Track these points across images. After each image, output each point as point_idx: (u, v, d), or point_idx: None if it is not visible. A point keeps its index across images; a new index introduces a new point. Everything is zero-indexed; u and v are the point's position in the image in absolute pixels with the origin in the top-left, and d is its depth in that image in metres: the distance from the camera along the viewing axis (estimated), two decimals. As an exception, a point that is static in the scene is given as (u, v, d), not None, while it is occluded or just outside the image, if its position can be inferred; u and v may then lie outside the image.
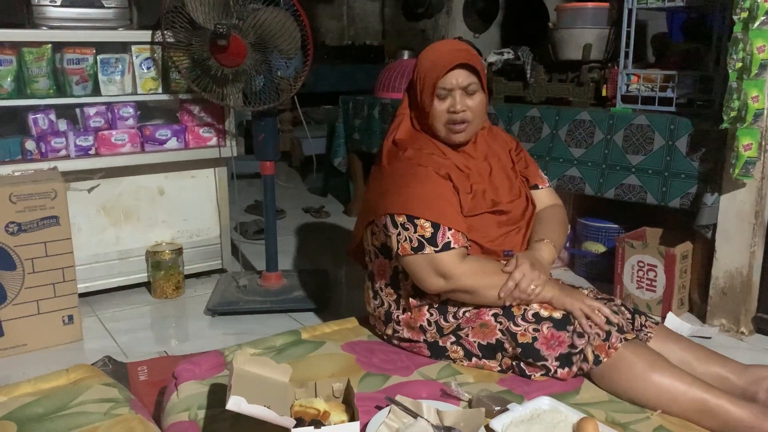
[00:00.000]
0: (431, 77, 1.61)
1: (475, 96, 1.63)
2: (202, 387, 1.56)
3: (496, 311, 1.61)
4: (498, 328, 1.60)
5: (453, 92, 1.61)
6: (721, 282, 2.35)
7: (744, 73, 2.08)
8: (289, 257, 3.31)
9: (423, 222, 1.57)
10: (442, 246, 1.57)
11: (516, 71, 3.13)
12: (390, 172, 1.66)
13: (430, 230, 1.57)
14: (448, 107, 1.62)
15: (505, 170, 1.76)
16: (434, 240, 1.57)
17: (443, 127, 1.65)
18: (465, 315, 1.63)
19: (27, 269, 2.23)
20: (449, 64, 1.59)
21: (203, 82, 2.51)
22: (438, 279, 1.57)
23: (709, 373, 1.57)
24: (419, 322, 1.67)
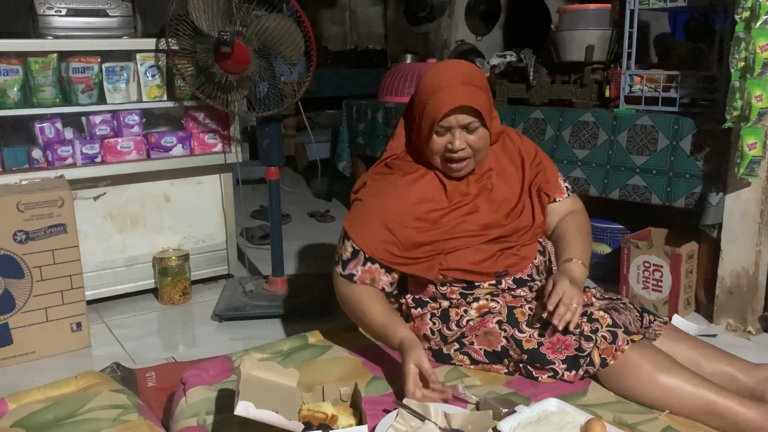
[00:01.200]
0: (430, 115, 1.54)
1: (477, 132, 1.56)
2: (210, 392, 1.57)
3: (500, 318, 1.60)
4: (503, 336, 1.59)
5: (453, 130, 1.55)
6: (728, 281, 2.35)
7: (747, 73, 2.08)
8: (295, 262, 3.32)
9: (348, 244, 1.63)
10: (348, 274, 1.63)
11: (519, 73, 3.13)
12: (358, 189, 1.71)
13: (348, 254, 1.63)
14: (446, 144, 1.56)
15: (509, 186, 1.70)
16: (346, 264, 1.63)
17: (441, 162, 1.60)
18: (468, 324, 1.63)
19: (35, 277, 2.24)
20: (450, 104, 1.51)
21: (208, 89, 2.52)
22: (337, 295, 1.68)
23: (718, 372, 1.56)
24: (422, 331, 1.67)
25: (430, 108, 1.54)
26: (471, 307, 1.63)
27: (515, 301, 1.63)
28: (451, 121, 1.54)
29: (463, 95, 1.52)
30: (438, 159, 1.60)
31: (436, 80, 1.56)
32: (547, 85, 3.03)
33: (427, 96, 1.55)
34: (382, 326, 1.58)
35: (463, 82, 1.55)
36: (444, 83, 1.54)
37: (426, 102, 1.55)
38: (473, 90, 1.54)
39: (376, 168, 1.74)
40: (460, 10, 5.22)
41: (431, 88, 1.55)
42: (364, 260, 1.61)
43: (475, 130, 1.55)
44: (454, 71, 1.58)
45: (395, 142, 1.72)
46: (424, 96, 1.56)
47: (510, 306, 1.62)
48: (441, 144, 1.57)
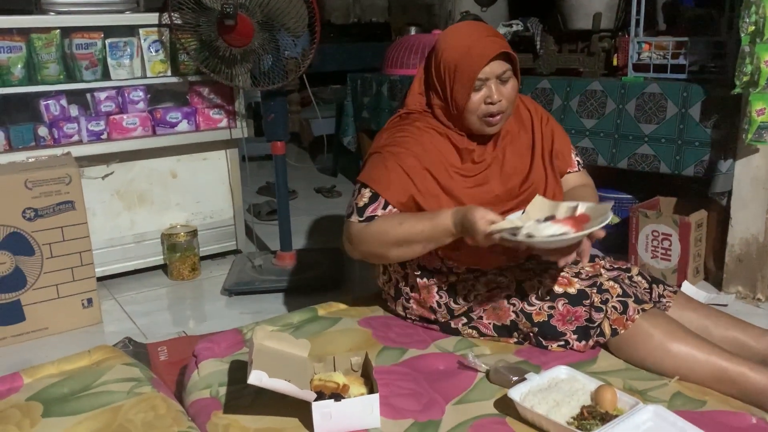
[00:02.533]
0: (468, 69, 1.50)
1: (509, 83, 1.54)
2: (222, 364, 1.58)
3: (508, 293, 1.59)
4: (512, 310, 1.59)
5: (488, 82, 1.52)
6: (737, 249, 2.34)
7: (757, 37, 2.05)
8: (302, 237, 3.33)
9: (366, 191, 1.56)
10: (366, 218, 1.54)
11: (525, 43, 3.09)
12: (375, 146, 1.64)
13: (365, 200, 1.55)
14: (484, 98, 1.53)
15: (520, 156, 1.66)
16: (363, 210, 1.55)
17: (477, 120, 1.55)
18: (476, 298, 1.62)
19: (45, 254, 2.25)
20: (489, 54, 1.49)
21: (212, 63, 2.51)
22: (348, 245, 1.59)
23: (728, 338, 1.56)
24: (429, 303, 1.67)
25: (467, 63, 1.51)
26: (479, 282, 1.63)
27: (524, 275, 1.62)
28: (487, 72, 1.51)
29: (498, 44, 1.52)
30: (475, 117, 1.55)
31: (463, 38, 1.54)
32: (554, 55, 2.99)
33: (458, 54, 1.52)
34: (425, 220, 1.49)
35: (488, 34, 1.55)
36: (472, 39, 1.53)
37: (458, 59, 1.52)
38: (502, 41, 1.55)
39: (392, 122, 1.68)
40: (465, -20, 5.14)
41: (460, 45, 1.53)
42: (384, 204, 1.54)
43: (508, 80, 1.54)
44: (475, 28, 1.58)
45: (413, 99, 1.66)
46: (455, 54, 1.53)
47: (519, 280, 1.61)
48: (478, 100, 1.53)
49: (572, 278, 1.60)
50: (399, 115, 1.67)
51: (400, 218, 1.51)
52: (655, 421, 1.25)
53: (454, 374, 1.50)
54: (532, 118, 1.71)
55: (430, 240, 1.48)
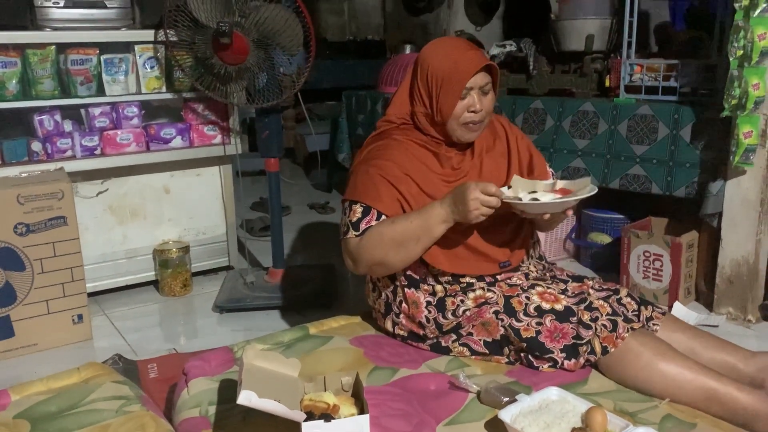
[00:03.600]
0: (456, 79, 1.60)
1: (489, 95, 1.65)
2: (212, 383, 1.57)
3: (496, 308, 1.61)
4: (500, 325, 1.60)
5: (472, 92, 1.62)
6: (728, 270, 2.35)
7: (745, 61, 2.08)
8: (295, 253, 3.32)
9: (357, 206, 1.62)
10: (362, 231, 1.60)
11: (518, 63, 3.12)
12: (356, 163, 1.71)
13: (358, 215, 1.61)
14: (467, 106, 1.62)
15: (497, 165, 1.74)
16: (358, 225, 1.61)
17: (459, 126, 1.64)
18: (465, 313, 1.63)
19: (36, 269, 2.24)
20: (476, 67, 1.60)
21: (207, 81, 2.52)
22: (350, 262, 1.65)
23: (716, 360, 1.57)
24: (418, 318, 1.68)
25: (455, 74, 1.60)
26: (467, 297, 1.64)
27: (512, 291, 1.64)
28: (472, 83, 1.60)
29: (480, 58, 1.62)
30: (457, 125, 1.64)
31: (450, 51, 1.64)
32: (547, 75, 3.02)
33: (446, 65, 1.61)
34: (416, 214, 1.57)
35: (471, 48, 1.66)
36: (458, 52, 1.63)
37: (446, 71, 1.61)
38: (483, 54, 1.66)
39: (370, 138, 1.76)
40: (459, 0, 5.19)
41: (447, 57, 1.62)
42: (378, 215, 1.60)
43: (488, 92, 1.64)
44: (459, 42, 1.70)
45: (396, 109, 1.74)
46: (444, 65, 1.62)
47: (507, 296, 1.63)
48: (462, 108, 1.62)
49: (559, 295, 1.62)
50: (377, 133, 1.75)
51: (393, 219, 1.59)
52: (645, 444, 1.25)
53: (445, 395, 1.50)
54: (506, 131, 1.80)
55: (426, 232, 1.55)
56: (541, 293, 1.62)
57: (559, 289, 1.64)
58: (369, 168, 1.64)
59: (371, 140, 1.74)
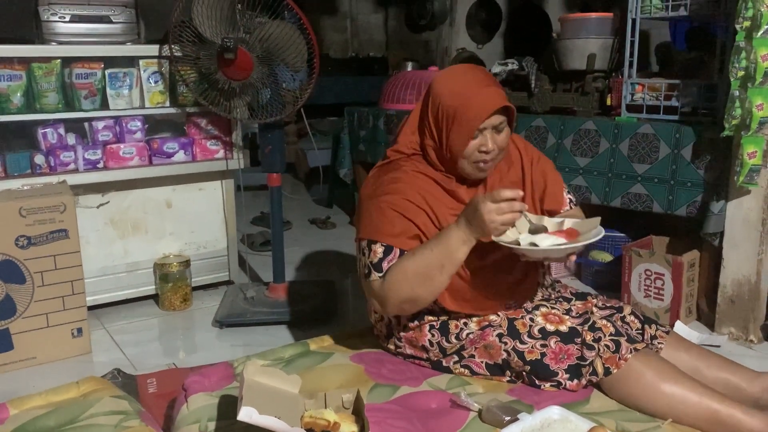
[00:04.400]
0: (468, 120, 1.51)
1: (503, 132, 1.56)
2: (212, 399, 1.57)
3: (500, 331, 1.60)
4: (503, 348, 1.59)
5: (485, 131, 1.54)
6: (729, 290, 2.35)
7: (748, 82, 2.09)
8: (296, 268, 3.32)
9: (377, 246, 1.54)
10: (385, 271, 1.52)
11: (520, 81, 3.14)
12: (367, 194, 1.62)
13: (380, 255, 1.54)
14: (478, 146, 1.54)
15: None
16: (380, 265, 1.53)
17: (469, 165, 1.57)
18: (468, 336, 1.62)
19: (36, 282, 2.24)
20: (490, 108, 1.51)
21: (210, 96, 2.53)
22: (377, 305, 1.56)
23: (721, 380, 1.56)
24: (421, 342, 1.66)
25: (467, 114, 1.51)
26: (471, 320, 1.63)
27: (515, 313, 1.63)
28: (485, 123, 1.52)
29: (498, 96, 1.53)
30: (468, 164, 1.57)
31: (463, 86, 1.54)
32: (548, 93, 3.03)
33: (458, 103, 1.52)
34: (434, 241, 1.49)
35: (488, 84, 1.55)
36: (473, 88, 1.53)
37: (458, 108, 1.52)
38: (500, 91, 1.55)
39: (379, 168, 1.67)
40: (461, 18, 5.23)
41: (460, 93, 1.53)
42: (400, 253, 1.53)
43: (502, 130, 1.55)
44: (474, 74, 1.58)
45: (405, 139, 1.66)
46: (455, 102, 1.53)
47: (510, 318, 1.61)
48: (473, 148, 1.54)
49: (563, 316, 1.61)
50: (387, 163, 1.66)
51: (412, 251, 1.51)
52: (648, 465, 1.24)
53: (446, 413, 1.49)
54: (522, 156, 1.72)
55: (448, 258, 1.46)
56: (546, 314, 1.61)
57: (563, 310, 1.64)
58: (381, 203, 1.56)
59: (380, 171, 1.66)
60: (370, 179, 1.66)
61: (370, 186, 1.64)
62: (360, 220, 1.62)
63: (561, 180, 1.78)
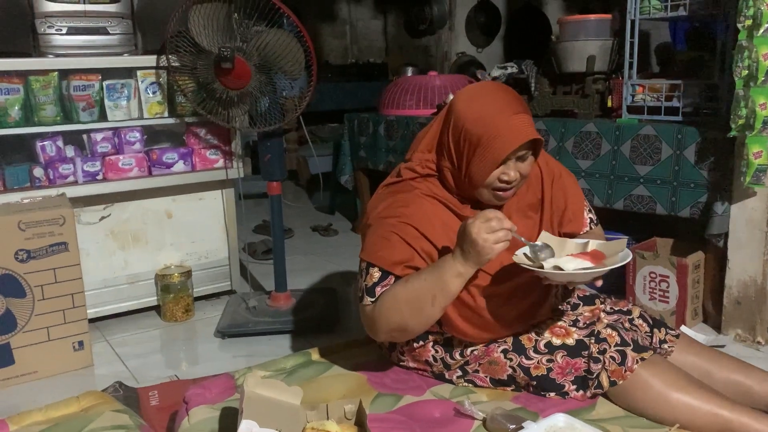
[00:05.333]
0: (493, 151, 1.41)
1: (527, 160, 1.47)
2: (213, 411, 1.55)
3: (505, 347, 1.56)
4: (509, 365, 1.56)
5: (508, 161, 1.45)
6: (735, 291, 2.32)
7: (751, 81, 2.07)
8: (298, 276, 3.30)
9: (374, 270, 1.50)
10: (378, 297, 1.48)
11: (520, 85, 3.13)
12: (374, 214, 1.56)
13: (375, 279, 1.49)
14: (500, 174, 1.45)
15: (527, 222, 1.59)
16: (373, 290, 1.49)
17: (488, 192, 1.49)
18: (473, 353, 1.59)
19: (37, 296, 2.23)
20: (519, 141, 1.41)
21: (209, 105, 2.52)
22: (368, 330, 1.52)
23: (730, 382, 1.54)
24: (424, 357, 1.64)
25: (492, 145, 1.42)
26: None
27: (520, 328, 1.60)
28: (510, 154, 1.43)
29: (527, 127, 1.43)
30: (487, 192, 1.49)
31: (491, 111, 1.44)
32: (548, 96, 3.02)
33: (483, 131, 1.42)
34: (428, 269, 1.43)
35: (517, 111, 1.44)
36: (502, 115, 1.43)
37: (482, 137, 1.42)
38: (529, 119, 1.46)
39: (391, 186, 1.60)
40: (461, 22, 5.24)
41: (486, 120, 1.43)
42: (395, 279, 1.48)
43: (527, 158, 1.47)
44: (504, 100, 1.47)
45: (421, 158, 1.57)
46: (480, 130, 1.43)
47: (515, 333, 1.58)
48: (495, 176, 1.45)
49: (570, 327, 1.58)
50: (399, 182, 1.59)
51: (407, 278, 1.46)
52: (656, 473, 1.22)
53: (450, 422, 1.47)
54: (542, 174, 1.63)
55: (441, 290, 1.40)
56: (551, 327, 1.59)
57: (569, 321, 1.61)
58: (387, 226, 1.50)
59: (390, 190, 1.58)
60: (381, 196, 1.60)
61: (378, 204, 1.57)
62: (364, 237, 1.57)
63: (582, 198, 1.70)
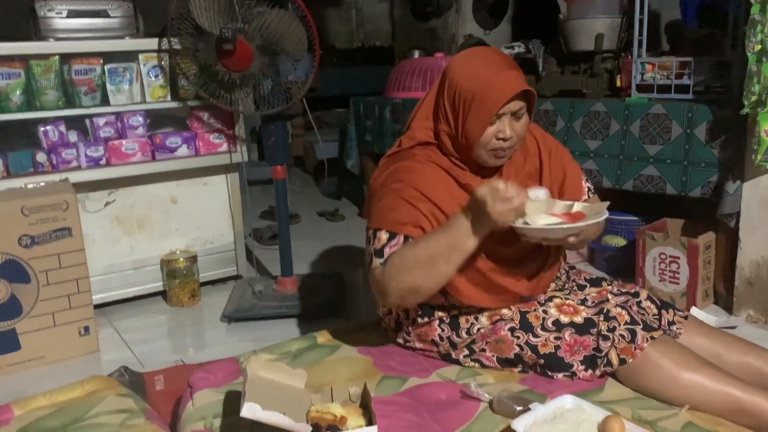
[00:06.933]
0: (486, 105, 1.43)
1: (522, 119, 1.49)
2: (218, 395, 1.54)
3: (512, 325, 1.54)
4: (515, 343, 1.54)
5: (503, 117, 1.46)
6: (747, 272, 2.29)
7: (764, 56, 2.02)
8: (304, 262, 3.29)
9: (382, 233, 1.49)
10: (387, 258, 1.46)
11: (528, 65, 3.08)
12: (377, 183, 1.57)
13: (383, 242, 1.48)
14: (495, 132, 1.46)
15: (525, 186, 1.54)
16: (382, 251, 1.47)
17: (486, 152, 1.49)
18: (479, 331, 1.57)
19: (41, 282, 2.22)
20: (510, 93, 1.43)
21: (211, 88, 2.50)
22: (378, 295, 1.50)
23: (742, 364, 1.51)
24: (431, 336, 1.62)
25: (485, 99, 1.43)
26: (482, 315, 1.57)
27: (528, 306, 1.58)
28: (504, 109, 1.44)
29: (518, 80, 1.45)
30: (484, 151, 1.49)
31: (482, 69, 1.46)
32: (556, 76, 2.97)
33: (476, 87, 1.45)
34: (438, 230, 1.43)
35: (508, 67, 1.47)
36: (491, 72, 1.45)
37: (476, 93, 1.44)
38: (521, 75, 1.48)
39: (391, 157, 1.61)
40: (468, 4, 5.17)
41: (478, 76, 1.45)
42: (404, 240, 1.47)
43: (522, 116, 1.48)
44: (492, 57, 1.50)
45: (419, 125, 1.59)
46: (473, 86, 1.45)
47: (522, 311, 1.56)
48: (490, 135, 1.47)
49: (578, 306, 1.56)
50: (399, 150, 1.60)
51: (415, 240, 1.45)
52: (666, 454, 1.20)
53: (456, 404, 1.45)
54: (539, 147, 1.64)
55: (456, 247, 1.38)
56: (560, 305, 1.56)
57: (578, 300, 1.58)
58: (390, 192, 1.51)
59: (391, 159, 1.60)
60: (381, 168, 1.61)
61: (380, 175, 1.58)
62: (369, 209, 1.58)
63: (579, 169, 1.71)
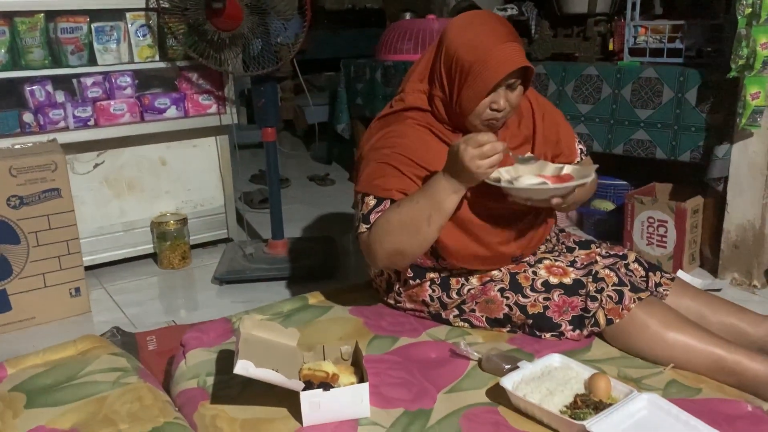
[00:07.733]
0: (483, 78, 1.41)
1: (517, 90, 1.46)
2: (210, 354, 1.55)
3: (502, 286, 1.56)
4: (505, 303, 1.55)
5: (498, 89, 1.44)
6: (733, 235, 2.32)
7: (753, 19, 2.02)
8: (295, 225, 3.29)
9: (369, 198, 1.50)
10: (373, 222, 1.48)
11: (520, 27, 3.05)
12: (366, 147, 1.56)
13: (370, 206, 1.49)
14: (490, 103, 1.44)
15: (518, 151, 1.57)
16: (368, 216, 1.48)
17: (479, 123, 1.48)
18: (469, 292, 1.59)
19: (31, 243, 2.21)
20: (509, 67, 1.40)
21: (200, 48, 2.46)
22: (367, 258, 1.51)
23: (725, 325, 1.54)
24: (421, 297, 1.63)
25: (483, 71, 1.41)
26: (472, 276, 1.59)
27: (518, 267, 1.59)
28: (500, 82, 1.42)
29: (518, 54, 1.42)
30: (478, 121, 1.48)
31: (480, 38, 1.43)
32: (549, 39, 2.95)
33: (474, 57, 1.42)
34: (419, 191, 1.43)
35: (508, 38, 1.44)
36: (491, 42, 1.42)
37: (473, 64, 1.42)
38: (520, 47, 1.45)
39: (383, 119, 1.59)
40: (460, -35, 5.08)
41: (476, 46, 1.42)
42: (388, 202, 1.48)
43: (516, 88, 1.46)
44: (495, 27, 1.45)
45: (413, 88, 1.56)
46: (470, 56, 1.42)
47: (512, 272, 1.58)
48: (484, 105, 1.45)
49: (567, 267, 1.58)
50: (390, 114, 1.58)
51: (398, 203, 1.46)
52: (650, 410, 1.23)
53: (446, 363, 1.48)
54: (533, 109, 1.63)
55: (436, 209, 1.40)
56: (549, 267, 1.58)
57: (567, 262, 1.60)
58: (379, 157, 1.50)
59: (382, 122, 1.58)
60: (372, 130, 1.59)
61: (370, 137, 1.57)
62: (358, 173, 1.57)
63: (572, 131, 1.72)
